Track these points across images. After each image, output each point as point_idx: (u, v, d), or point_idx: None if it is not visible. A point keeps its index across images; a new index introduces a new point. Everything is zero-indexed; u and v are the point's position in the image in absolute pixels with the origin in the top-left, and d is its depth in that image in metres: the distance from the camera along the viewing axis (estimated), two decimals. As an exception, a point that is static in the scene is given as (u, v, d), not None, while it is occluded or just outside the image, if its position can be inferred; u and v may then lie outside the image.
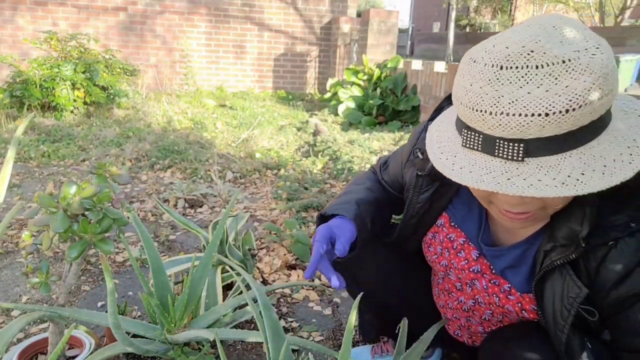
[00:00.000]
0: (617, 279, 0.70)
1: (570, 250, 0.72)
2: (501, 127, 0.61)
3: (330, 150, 3.93)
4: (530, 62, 0.59)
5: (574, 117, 0.59)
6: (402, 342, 1.09)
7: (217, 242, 1.39)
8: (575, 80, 0.58)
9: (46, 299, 1.71)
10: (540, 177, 0.61)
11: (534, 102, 0.59)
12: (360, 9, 10.90)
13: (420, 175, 0.93)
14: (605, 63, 0.59)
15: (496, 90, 0.61)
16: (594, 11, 20.64)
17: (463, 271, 0.94)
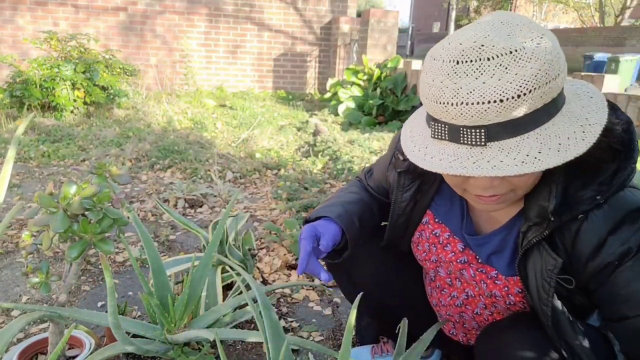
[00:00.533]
0: (592, 250, 0.75)
1: (543, 227, 0.77)
2: (463, 116, 0.67)
3: (330, 150, 3.93)
4: (482, 55, 0.65)
5: (527, 101, 0.65)
6: (402, 342, 1.09)
7: (217, 242, 1.39)
8: (523, 68, 0.64)
9: (46, 299, 1.71)
10: (502, 159, 0.66)
11: (489, 91, 0.64)
12: (360, 9, 10.90)
13: (402, 173, 0.98)
14: (549, 50, 0.65)
15: (455, 83, 0.66)
16: (594, 11, 20.64)
17: (451, 263, 0.97)
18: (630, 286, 0.73)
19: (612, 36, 13.66)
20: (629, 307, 0.74)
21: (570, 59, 13.96)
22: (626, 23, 17.45)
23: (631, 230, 0.73)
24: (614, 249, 0.73)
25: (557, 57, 0.66)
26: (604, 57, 9.68)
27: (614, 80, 3.39)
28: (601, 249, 0.74)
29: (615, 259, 0.74)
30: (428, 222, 1.02)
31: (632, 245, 0.73)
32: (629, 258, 0.73)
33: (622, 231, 0.73)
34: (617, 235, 0.73)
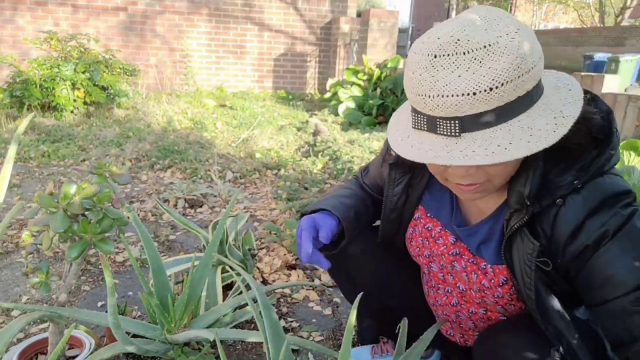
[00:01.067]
0: (570, 234, 0.76)
1: (523, 213, 0.79)
2: (439, 108, 0.70)
3: (330, 150, 3.93)
4: (458, 49, 0.68)
5: (499, 94, 0.67)
6: (401, 342, 1.09)
7: (217, 242, 1.39)
8: (495, 62, 0.67)
9: (46, 299, 1.71)
10: (474, 149, 0.69)
11: (463, 84, 0.67)
12: (360, 9, 10.89)
13: (392, 166, 1.01)
14: (522, 44, 0.68)
15: (432, 76, 0.69)
16: (594, 11, 20.64)
17: (443, 256, 0.99)
18: (609, 269, 0.74)
19: (612, 36, 13.65)
20: (608, 290, 0.74)
21: (570, 59, 13.96)
22: (626, 23, 17.43)
23: (608, 214, 0.74)
24: (592, 232, 0.74)
25: (531, 51, 0.68)
26: (604, 57, 9.67)
27: (614, 80, 3.38)
28: (579, 233, 0.75)
29: (592, 242, 0.74)
30: (420, 217, 1.04)
31: (609, 228, 0.74)
32: (606, 241, 0.74)
33: (600, 215, 0.74)
34: (594, 219, 0.74)
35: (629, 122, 3.11)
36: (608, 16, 19.78)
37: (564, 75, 0.80)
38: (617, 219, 0.74)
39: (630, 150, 1.89)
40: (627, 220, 0.74)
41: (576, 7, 21.45)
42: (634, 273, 0.72)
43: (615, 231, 0.74)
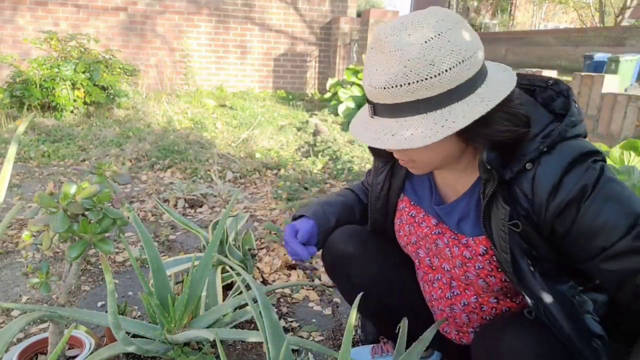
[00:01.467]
0: (550, 191, 0.81)
1: (491, 181, 0.84)
2: (366, 92, 0.84)
3: (330, 150, 3.93)
4: (382, 48, 0.79)
5: (392, 94, 0.78)
6: (402, 342, 1.09)
7: (217, 242, 1.39)
8: (392, 67, 0.77)
9: (46, 299, 1.71)
10: (376, 129, 0.83)
11: (374, 78, 0.80)
12: (360, 9, 10.88)
13: (375, 155, 1.10)
14: (421, 56, 0.76)
15: (366, 65, 0.84)
16: (594, 11, 20.64)
17: (427, 237, 1.04)
18: (599, 218, 0.78)
19: (612, 36, 13.64)
20: (604, 238, 0.78)
21: (570, 59, 13.95)
22: (626, 23, 17.43)
23: (582, 170, 0.80)
24: (571, 187, 0.79)
25: (431, 64, 0.76)
26: (604, 57, 9.68)
27: (614, 80, 3.38)
28: (559, 189, 0.80)
29: (574, 197, 0.79)
30: (405, 207, 1.11)
31: (587, 182, 0.79)
32: (587, 194, 0.79)
33: (575, 171, 0.80)
34: (570, 175, 0.80)
35: (629, 122, 3.11)
36: (608, 16, 19.78)
37: (507, 73, 0.86)
38: (591, 173, 0.79)
39: (630, 150, 1.89)
40: (601, 173, 0.80)
41: (576, 7, 21.45)
42: (624, 215, 0.77)
43: (594, 184, 0.79)
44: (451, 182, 1.00)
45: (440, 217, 1.02)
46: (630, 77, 8.62)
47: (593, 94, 3.39)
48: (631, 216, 0.77)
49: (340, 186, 3.21)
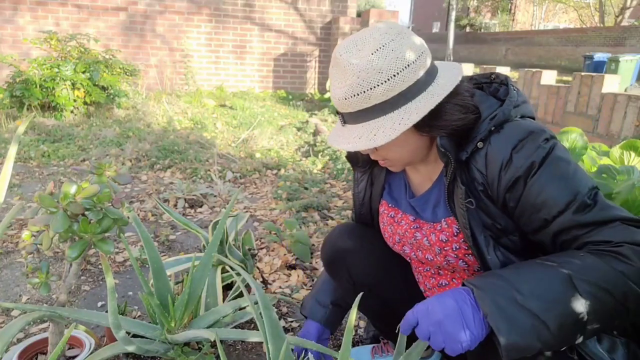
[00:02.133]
0: (500, 167, 0.88)
1: (450, 164, 0.92)
2: (335, 105, 0.93)
3: (330, 150, 3.93)
4: (339, 65, 0.88)
5: (352, 103, 0.88)
6: (402, 342, 1.09)
7: (217, 242, 1.39)
8: (347, 79, 0.87)
9: (46, 299, 1.71)
10: (347, 136, 0.91)
11: (336, 91, 0.89)
12: (360, 9, 10.88)
13: (354, 167, 1.20)
14: (368, 66, 0.84)
15: (330, 79, 0.92)
16: (594, 11, 20.65)
17: (406, 232, 1.09)
18: (542, 194, 0.85)
19: (612, 36, 13.65)
20: (546, 212, 0.85)
21: (570, 59, 13.95)
22: (626, 23, 17.44)
23: (532, 148, 0.86)
24: (520, 163, 0.86)
25: (379, 72, 0.84)
26: (604, 57, 9.68)
27: (614, 80, 3.38)
28: (509, 165, 0.87)
29: (522, 172, 0.86)
30: (384, 210, 1.16)
31: (534, 160, 0.85)
32: (534, 171, 0.85)
33: (525, 149, 0.86)
34: (520, 153, 0.86)
35: (628, 122, 3.11)
36: (608, 16, 19.77)
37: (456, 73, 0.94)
38: (540, 152, 0.85)
39: (630, 150, 1.89)
40: (550, 151, 0.86)
41: (576, 7, 21.46)
42: (565, 191, 0.84)
43: (541, 162, 0.85)
44: (424, 175, 1.07)
45: (417, 212, 1.08)
46: (630, 77, 8.63)
47: (593, 94, 3.39)
48: (572, 193, 0.83)
49: (340, 186, 3.21)
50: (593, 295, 0.76)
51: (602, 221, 0.82)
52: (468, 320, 0.78)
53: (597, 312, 0.76)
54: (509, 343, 0.74)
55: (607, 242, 0.80)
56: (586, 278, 0.76)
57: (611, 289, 0.76)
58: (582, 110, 3.51)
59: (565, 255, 0.82)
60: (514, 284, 0.78)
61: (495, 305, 0.76)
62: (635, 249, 0.77)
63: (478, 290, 0.79)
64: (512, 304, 0.76)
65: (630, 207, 1.46)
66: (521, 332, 0.75)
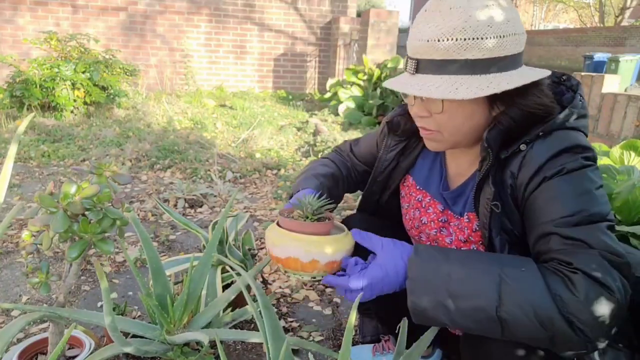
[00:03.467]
0: (534, 171, 0.85)
1: (487, 159, 0.89)
2: (410, 50, 0.88)
3: (330, 150, 3.93)
4: (437, 7, 0.84)
5: (444, 47, 0.82)
6: (402, 341, 1.09)
7: (216, 242, 1.38)
8: (450, 21, 0.81)
9: (46, 299, 1.71)
10: (412, 85, 0.86)
11: (426, 32, 0.84)
12: (360, 9, 10.88)
13: (390, 132, 1.14)
14: (477, 13, 0.81)
15: (416, 24, 0.87)
16: (594, 11, 20.64)
17: (432, 222, 1.08)
18: (550, 199, 0.83)
19: (612, 36, 13.64)
20: (542, 216, 0.83)
21: (570, 59, 13.94)
22: (626, 23, 17.43)
23: (569, 159, 0.83)
24: (552, 169, 0.84)
25: (486, 24, 0.81)
26: (604, 57, 9.67)
27: (614, 80, 3.38)
28: (540, 170, 0.84)
29: (549, 174, 0.84)
30: (412, 192, 1.14)
31: (566, 167, 0.83)
32: (558, 175, 0.83)
33: (562, 157, 0.84)
34: (556, 160, 0.84)
35: (629, 122, 3.10)
36: (608, 16, 19.77)
37: (544, 71, 0.91)
38: (574, 163, 0.83)
39: (630, 150, 1.89)
40: (583, 167, 0.83)
41: (576, 7, 21.45)
42: (573, 204, 0.80)
43: (569, 171, 0.83)
44: (463, 167, 1.03)
45: (447, 202, 1.06)
46: (630, 77, 8.62)
47: (593, 94, 3.38)
48: (575, 208, 0.80)
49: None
50: (513, 305, 0.75)
51: (585, 242, 0.77)
52: (391, 273, 0.87)
53: (514, 325, 0.76)
54: (415, 307, 0.82)
55: (568, 264, 0.76)
56: (516, 287, 0.76)
57: (537, 308, 0.74)
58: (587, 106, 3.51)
59: (519, 260, 0.81)
60: (448, 263, 0.82)
61: (418, 273, 0.83)
62: (587, 281, 0.73)
63: (414, 255, 0.85)
64: (433, 278, 0.81)
65: (630, 207, 1.46)
66: (429, 305, 0.81)
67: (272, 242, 0.96)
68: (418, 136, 1.06)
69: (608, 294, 0.73)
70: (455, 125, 0.90)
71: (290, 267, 0.95)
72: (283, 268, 0.97)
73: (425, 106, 0.90)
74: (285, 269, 0.97)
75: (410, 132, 1.08)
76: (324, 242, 0.93)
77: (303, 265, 0.93)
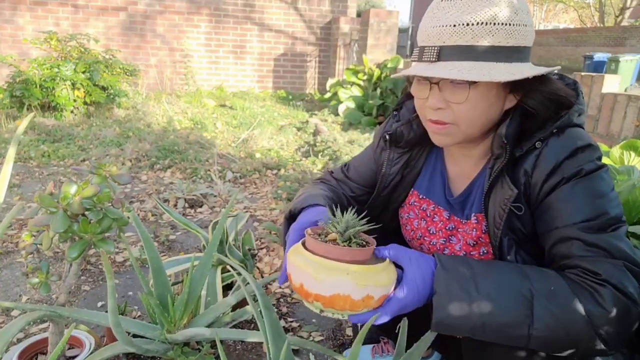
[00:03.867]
0: (549, 171, 0.84)
1: (503, 157, 0.87)
2: (428, 38, 0.85)
3: (330, 150, 3.93)
4: None
5: (474, 31, 0.80)
6: (402, 343, 1.09)
7: (217, 242, 1.38)
8: (478, 5, 0.80)
9: (46, 299, 1.71)
10: (440, 70, 0.82)
11: (449, 18, 0.81)
12: (360, 9, 10.88)
13: (392, 145, 1.09)
14: (498, 1, 0.80)
15: (434, 14, 0.84)
16: (594, 11, 20.63)
17: (440, 232, 1.04)
18: (567, 201, 0.83)
19: (612, 36, 13.64)
20: (561, 219, 0.83)
21: (570, 59, 13.94)
22: (626, 23, 17.43)
23: (585, 160, 0.83)
24: (569, 170, 0.83)
25: (514, 11, 0.81)
26: (604, 57, 9.67)
27: (614, 80, 3.38)
28: (557, 170, 0.84)
29: (567, 175, 0.83)
30: (415, 202, 1.10)
31: (584, 168, 0.83)
32: (577, 177, 0.83)
33: (578, 158, 0.84)
34: (573, 160, 0.83)
35: (629, 122, 3.11)
36: (608, 16, 19.76)
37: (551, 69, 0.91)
38: (591, 165, 0.83)
39: (630, 150, 1.89)
40: (598, 169, 0.84)
41: (576, 7, 21.44)
42: (589, 208, 0.81)
43: (587, 173, 0.83)
44: (465, 170, 1.02)
45: (453, 208, 1.03)
46: (630, 77, 8.62)
47: (593, 94, 3.38)
48: (595, 212, 0.80)
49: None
50: (545, 323, 0.75)
51: (606, 250, 0.78)
52: (420, 290, 0.82)
53: (543, 340, 0.76)
54: (441, 322, 0.79)
55: (595, 275, 0.77)
56: (548, 305, 0.76)
57: (567, 325, 0.75)
58: (582, 109, 3.51)
59: (544, 273, 0.81)
60: (476, 278, 0.79)
61: (446, 289, 0.79)
62: (615, 294, 0.74)
63: (441, 269, 0.81)
64: (463, 295, 0.78)
65: (630, 207, 1.46)
66: (456, 321, 0.78)
67: (309, 275, 0.76)
68: (422, 145, 1.05)
69: (634, 307, 0.75)
70: (475, 116, 0.87)
71: (335, 305, 0.78)
72: (322, 307, 0.80)
73: (444, 96, 0.86)
74: (325, 308, 0.80)
75: (414, 142, 1.05)
76: (378, 273, 0.77)
77: (353, 304, 0.76)
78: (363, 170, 1.18)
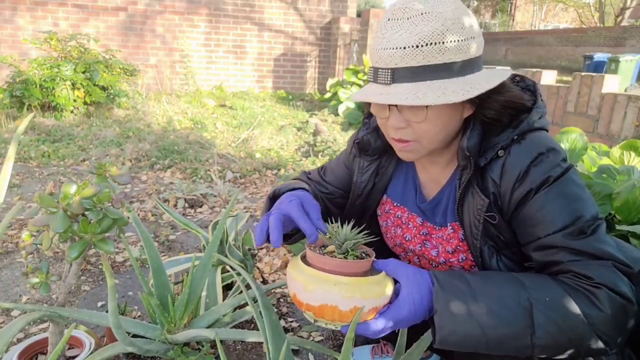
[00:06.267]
0: (517, 179, 0.86)
1: (469, 168, 0.89)
2: (380, 60, 0.84)
3: (330, 150, 3.93)
4: (405, 15, 0.82)
5: (423, 52, 0.80)
6: (401, 343, 1.09)
7: (217, 242, 1.38)
8: (425, 26, 0.80)
9: (46, 299, 1.71)
10: (395, 95, 0.82)
11: (398, 40, 0.81)
12: (360, 9, 10.88)
13: (361, 153, 1.10)
14: (450, 16, 0.81)
15: (383, 34, 0.84)
16: (594, 11, 20.64)
17: (415, 238, 1.05)
18: (544, 210, 0.84)
19: (612, 36, 13.64)
20: (541, 228, 0.84)
21: (570, 59, 13.94)
22: (626, 23, 17.43)
23: (551, 164, 0.85)
24: (536, 177, 0.84)
25: (456, 23, 0.81)
26: (604, 57, 9.68)
27: (614, 80, 3.38)
28: (525, 178, 0.85)
29: (535, 186, 0.84)
30: (389, 209, 1.12)
31: (551, 175, 0.84)
32: (546, 185, 0.84)
33: (543, 164, 0.85)
34: (538, 167, 0.85)
35: (629, 122, 3.11)
36: (608, 16, 19.77)
37: (504, 69, 0.94)
38: (558, 169, 0.84)
39: (630, 150, 1.89)
40: (565, 171, 0.85)
41: (576, 7, 21.45)
42: (566, 213, 0.82)
43: (556, 179, 0.84)
44: (435, 176, 1.03)
45: (425, 214, 1.05)
46: (630, 77, 8.63)
47: (593, 94, 3.39)
48: (573, 216, 0.82)
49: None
50: (546, 331, 0.76)
51: (593, 254, 0.80)
52: (417, 307, 0.81)
53: (546, 347, 0.77)
54: (444, 340, 0.80)
55: (588, 278, 0.78)
56: (547, 312, 0.77)
57: (568, 330, 0.76)
58: (582, 110, 3.51)
59: (539, 280, 0.81)
60: (474, 293, 0.80)
61: (446, 307, 0.79)
62: (611, 295, 0.76)
63: (439, 287, 0.81)
64: (463, 311, 0.78)
65: (630, 207, 1.46)
66: (460, 338, 0.79)
67: (301, 286, 0.79)
68: (390, 153, 1.05)
69: (629, 305, 0.77)
70: (435, 132, 0.88)
71: (325, 316, 0.79)
72: (313, 317, 0.81)
73: (404, 116, 0.86)
74: (316, 318, 0.80)
75: (382, 149, 1.06)
76: (367, 285, 0.78)
77: (342, 315, 0.78)
78: (339, 172, 1.20)
